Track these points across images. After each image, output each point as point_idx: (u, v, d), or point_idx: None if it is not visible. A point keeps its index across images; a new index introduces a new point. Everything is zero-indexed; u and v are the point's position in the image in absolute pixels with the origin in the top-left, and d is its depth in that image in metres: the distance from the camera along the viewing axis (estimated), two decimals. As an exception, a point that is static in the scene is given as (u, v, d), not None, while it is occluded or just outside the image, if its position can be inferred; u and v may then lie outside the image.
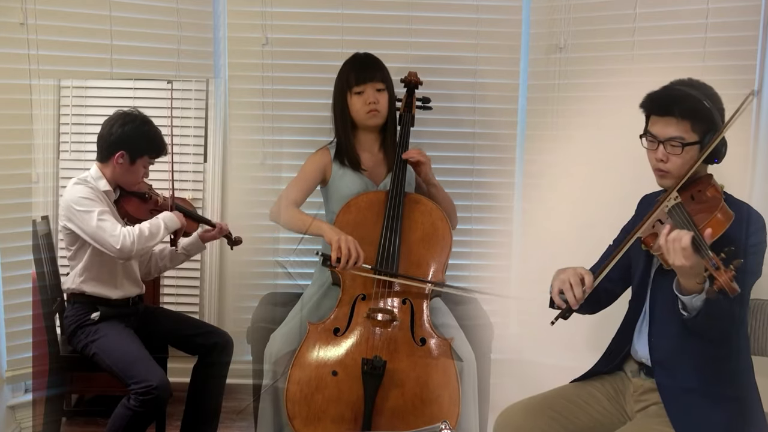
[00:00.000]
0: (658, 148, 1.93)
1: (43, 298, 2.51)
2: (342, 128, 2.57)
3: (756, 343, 2.14)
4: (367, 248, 2.33)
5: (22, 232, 2.70)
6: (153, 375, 2.26)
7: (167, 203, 2.53)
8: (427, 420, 2.16)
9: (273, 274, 3.11)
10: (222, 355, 2.54)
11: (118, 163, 2.45)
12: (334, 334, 2.28)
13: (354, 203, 2.49)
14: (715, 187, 1.87)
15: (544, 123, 3.04)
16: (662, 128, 1.92)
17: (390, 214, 2.41)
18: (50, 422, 2.56)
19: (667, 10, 2.79)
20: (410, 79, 2.70)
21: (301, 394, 2.20)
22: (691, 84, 1.95)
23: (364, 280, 2.34)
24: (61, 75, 2.83)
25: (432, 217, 2.47)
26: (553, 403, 2.05)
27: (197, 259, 3.02)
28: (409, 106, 2.66)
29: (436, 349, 2.27)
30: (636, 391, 2.03)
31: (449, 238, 2.45)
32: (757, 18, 2.69)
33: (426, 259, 2.41)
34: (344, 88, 2.54)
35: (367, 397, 2.15)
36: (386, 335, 2.27)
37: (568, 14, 2.96)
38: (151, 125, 2.50)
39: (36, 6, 2.70)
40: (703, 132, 1.89)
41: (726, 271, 1.62)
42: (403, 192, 2.47)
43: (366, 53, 2.61)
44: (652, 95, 1.95)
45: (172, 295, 3.03)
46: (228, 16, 3.03)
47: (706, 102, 1.89)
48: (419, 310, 2.32)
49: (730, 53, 2.72)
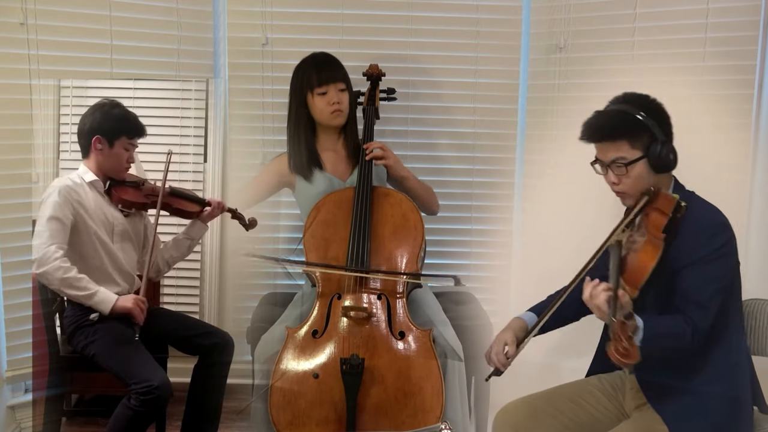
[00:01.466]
0: (607, 172, 1.95)
1: (43, 298, 2.50)
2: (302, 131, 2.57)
3: (756, 343, 2.14)
4: (340, 246, 2.38)
5: (22, 232, 2.70)
6: (154, 375, 2.26)
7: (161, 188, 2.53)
8: (411, 413, 2.16)
9: (273, 274, 3.11)
10: (222, 355, 2.54)
11: (97, 149, 2.44)
12: (313, 336, 2.28)
13: (322, 204, 2.50)
14: (660, 210, 1.84)
15: (544, 123, 3.04)
16: (603, 153, 1.94)
17: (358, 210, 2.42)
18: (50, 422, 2.56)
19: (667, 10, 2.79)
20: (372, 72, 2.72)
21: (285, 400, 2.20)
22: (625, 99, 1.95)
23: (339, 280, 2.35)
24: (61, 75, 2.83)
25: (402, 208, 2.48)
26: (553, 401, 2.06)
27: (197, 259, 3.03)
28: (372, 99, 2.68)
29: (416, 342, 2.27)
30: (633, 388, 2.03)
31: (421, 228, 2.44)
32: (757, 18, 2.69)
33: (398, 251, 2.41)
34: (305, 89, 2.54)
35: (349, 396, 2.15)
36: (364, 332, 2.27)
37: (568, 14, 2.96)
38: (121, 107, 2.50)
39: (36, 6, 2.70)
40: (644, 146, 1.89)
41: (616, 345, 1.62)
42: (371, 186, 2.48)
43: (323, 53, 2.61)
44: (585, 124, 1.95)
45: (172, 295, 3.03)
46: (228, 16, 3.03)
47: (638, 115, 1.89)
48: (395, 304, 2.33)
49: (730, 53, 2.72)
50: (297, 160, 2.60)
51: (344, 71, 2.57)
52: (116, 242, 2.49)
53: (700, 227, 1.85)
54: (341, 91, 2.54)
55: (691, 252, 1.83)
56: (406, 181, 2.63)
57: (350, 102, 2.59)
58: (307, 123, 2.58)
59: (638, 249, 1.77)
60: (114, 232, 2.49)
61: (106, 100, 2.51)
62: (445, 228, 3.10)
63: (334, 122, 2.57)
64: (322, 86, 2.52)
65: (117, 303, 2.37)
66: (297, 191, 2.63)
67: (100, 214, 2.45)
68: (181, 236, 2.64)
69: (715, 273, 1.84)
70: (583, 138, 1.96)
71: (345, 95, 2.56)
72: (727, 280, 1.88)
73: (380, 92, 2.72)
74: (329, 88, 2.52)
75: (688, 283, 1.83)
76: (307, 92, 2.54)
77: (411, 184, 2.64)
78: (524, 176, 3.11)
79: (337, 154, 2.64)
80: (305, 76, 2.55)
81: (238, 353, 2.63)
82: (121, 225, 2.51)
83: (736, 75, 2.73)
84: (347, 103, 2.57)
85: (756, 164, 2.76)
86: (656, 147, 1.88)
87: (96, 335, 2.38)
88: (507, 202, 3.14)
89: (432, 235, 2.71)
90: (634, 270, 1.76)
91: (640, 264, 1.75)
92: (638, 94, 1.96)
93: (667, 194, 1.89)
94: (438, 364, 2.23)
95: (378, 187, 2.54)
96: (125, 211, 2.53)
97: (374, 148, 2.55)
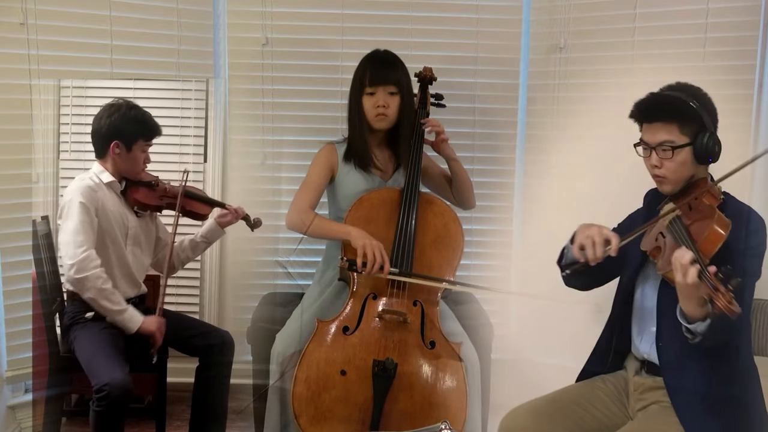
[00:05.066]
0: (651, 155, 1.95)
1: (43, 298, 2.50)
2: (357, 126, 2.50)
3: (756, 343, 2.14)
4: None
5: (22, 232, 2.70)
6: (108, 374, 2.19)
7: (176, 190, 2.53)
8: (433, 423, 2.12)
9: (273, 274, 3.11)
10: (222, 355, 2.54)
11: (115, 153, 2.45)
12: (343, 332, 2.26)
13: (367, 199, 2.45)
14: (712, 193, 1.86)
15: (544, 123, 3.04)
16: (651, 135, 1.93)
17: (404, 214, 2.38)
18: (50, 422, 2.56)
19: (667, 10, 2.79)
20: (425, 74, 2.64)
21: (308, 393, 2.18)
22: (678, 87, 1.96)
23: (376, 279, 2.31)
24: (61, 75, 2.83)
25: (444, 218, 2.45)
26: (559, 406, 2.05)
27: (197, 259, 3.02)
28: (424, 103, 2.60)
29: (445, 353, 2.25)
30: (637, 389, 2.03)
31: (461, 240, 2.42)
32: (757, 18, 2.69)
33: (437, 261, 2.39)
34: (358, 87, 2.48)
35: (377, 399, 2.14)
36: (397, 337, 2.24)
37: (568, 14, 2.96)
38: (138, 109, 2.50)
39: (36, 6, 2.70)
40: (693, 133, 1.90)
41: (725, 294, 1.59)
42: (418, 191, 2.44)
43: (386, 51, 2.52)
44: (638, 104, 1.97)
45: (172, 295, 3.03)
46: (228, 16, 3.03)
47: (692, 103, 1.90)
48: (430, 313, 2.30)
49: (730, 53, 2.73)
50: (360, 152, 2.50)
51: (400, 72, 2.47)
52: (128, 246, 2.50)
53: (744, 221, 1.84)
54: (391, 95, 2.45)
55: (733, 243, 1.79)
56: (454, 162, 2.55)
57: (402, 106, 2.48)
58: (362, 119, 2.49)
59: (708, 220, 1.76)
60: (128, 235, 2.49)
61: (122, 100, 2.51)
62: (445, 228, 3.10)
63: (377, 125, 2.48)
64: (372, 86, 2.44)
65: (143, 325, 2.38)
66: (336, 184, 2.54)
67: (117, 217, 2.46)
68: (198, 238, 2.65)
69: (751, 269, 1.83)
70: (632, 116, 1.97)
71: (395, 99, 2.45)
72: (755, 279, 1.87)
73: (430, 96, 2.64)
74: (378, 89, 2.43)
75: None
76: (360, 91, 2.47)
77: (458, 166, 2.55)
78: (524, 176, 3.11)
79: (382, 154, 2.56)
80: (360, 73, 2.47)
81: (238, 353, 2.63)
82: (134, 228, 2.51)
83: (736, 75, 2.73)
84: (396, 108, 2.46)
85: (756, 164, 2.75)
86: (704, 136, 1.89)
87: (80, 332, 2.37)
88: (507, 202, 3.14)
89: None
90: (710, 239, 1.73)
91: (714, 233, 1.73)
92: (691, 84, 1.96)
93: (713, 185, 1.90)
94: (465, 379, 2.22)
95: (424, 192, 2.51)
96: (140, 212, 2.53)
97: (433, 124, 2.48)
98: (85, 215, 2.35)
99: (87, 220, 2.35)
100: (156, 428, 2.55)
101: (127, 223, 2.49)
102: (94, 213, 2.38)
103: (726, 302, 1.58)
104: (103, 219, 2.41)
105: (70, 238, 2.33)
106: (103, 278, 2.33)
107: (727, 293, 1.58)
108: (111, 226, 2.42)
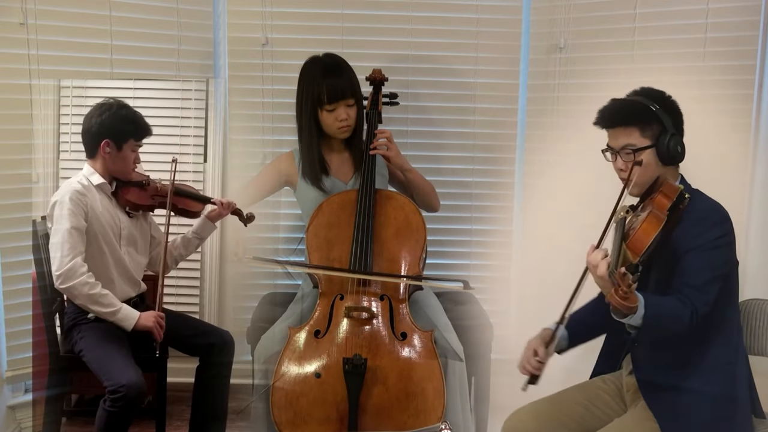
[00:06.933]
0: (616, 159, 2.00)
1: (43, 298, 2.50)
2: (314, 139, 2.54)
3: (756, 343, 2.14)
4: (343, 248, 2.38)
5: (22, 232, 2.70)
6: (123, 374, 2.21)
7: (167, 188, 2.52)
8: (412, 413, 2.17)
9: (273, 274, 3.11)
10: (222, 355, 2.54)
11: (106, 152, 2.43)
12: (315, 336, 2.29)
13: (326, 205, 2.49)
14: (665, 193, 1.89)
15: (544, 123, 3.04)
16: (614, 139, 2.00)
17: (361, 213, 2.42)
18: (50, 422, 2.56)
19: (667, 10, 2.79)
20: (375, 76, 2.70)
21: (286, 399, 2.21)
22: (641, 92, 2.02)
23: (341, 280, 2.36)
24: (61, 75, 2.83)
25: (405, 211, 2.48)
26: (562, 407, 2.07)
27: (197, 259, 3.03)
28: (375, 104, 2.66)
29: (418, 342, 2.28)
30: (629, 389, 2.05)
31: (423, 231, 2.45)
32: (757, 18, 2.69)
33: (400, 253, 2.42)
34: (312, 103, 2.49)
35: (351, 396, 2.16)
36: (366, 333, 2.28)
37: (568, 14, 2.96)
38: (129, 108, 2.48)
39: (36, 6, 2.70)
40: (654, 135, 1.95)
41: (617, 290, 1.65)
42: (374, 189, 2.48)
43: (332, 57, 2.54)
44: (601, 110, 2.02)
45: (172, 295, 3.03)
46: (228, 16, 3.03)
47: (652, 106, 1.94)
48: (397, 305, 2.33)
49: (730, 53, 2.73)
50: (308, 167, 2.57)
51: (353, 81, 2.51)
52: (123, 246, 2.49)
53: (701, 216, 1.90)
54: (350, 107, 2.50)
55: (691, 239, 1.87)
56: (408, 173, 2.61)
57: (359, 111, 2.55)
58: (318, 131, 2.55)
59: (642, 220, 1.81)
60: (121, 236, 2.49)
61: (112, 100, 2.49)
62: (445, 228, 3.10)
63: (341, 136, 2.55)
64: (331, 103, 2.47)
65: (139, 321, 2.38)
66: (298, 191, 2.63)
67: (108, 218, 2.45)
68: (190, 235, 2.64)
69: (714, 261, 1.88)
70: (597, 123, 2.02)
71: (354, 110, 2.51)
72: (724, 271, 1.91)
73: (383, 97, 2.70)
74: (338, 105, 2.48)
75: (687, 267, 1.87)
76: (317, 107, 2.50)
77: (413, 176, 2.62)
78: (524, 176, 3.11)
79: (341, 157, 2.63)
80: (314, 89, 2.48)
81: (238, 353, 2.63)
82: (127, 229, 2.50)
83: (736, 75, 2.74)
84: (355, 117, 2.53)
85: (756, 164, 2.76)
86: (665, 138, 1.93)
87: (86, 332, 2.37)
88: (507, 202, 3.14)
89: (432, 235, 2.71)
90: (637, 237, 1.79)
91: (643, 232, 1.79)
92: (655, 89, 2.01)
93: (672, 183, 1.94)
94: (439, 365, 2.23)
95: (381, 189, 2.54)
96: (132, 213, 2.53)
97: (382, 138, 2.52)
98: (73, 221, 2.33)
99: (74, 227, 2.33)
100: (156, 428, 2.55)
101: (119, 224, 2.48)
102: (84, 218, 2.36)
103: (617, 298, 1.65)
104: (95, 222, 2.39)
105: (57, 247, 2.32)
106: (90, 284, 2.32)
107: (621, 289, 1.65)
108: (103, 228, 2.41)
